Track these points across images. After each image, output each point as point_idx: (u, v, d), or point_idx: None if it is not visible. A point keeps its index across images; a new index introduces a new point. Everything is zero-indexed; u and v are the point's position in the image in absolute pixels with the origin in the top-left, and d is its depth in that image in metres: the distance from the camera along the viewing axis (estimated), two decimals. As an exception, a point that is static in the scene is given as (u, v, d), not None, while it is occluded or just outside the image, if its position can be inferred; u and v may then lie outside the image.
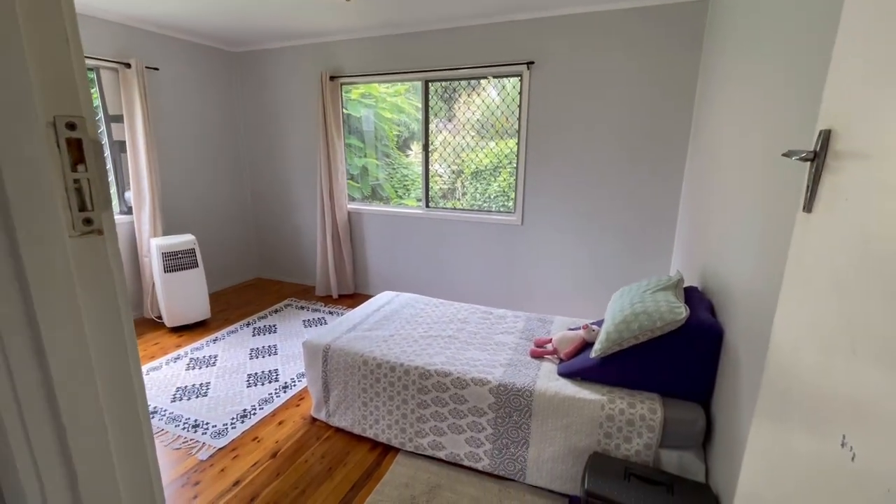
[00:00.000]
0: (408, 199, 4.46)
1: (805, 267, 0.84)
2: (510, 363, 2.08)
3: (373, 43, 3.72)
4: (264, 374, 2.83)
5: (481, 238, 3.76)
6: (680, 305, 1.72)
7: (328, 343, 2.25)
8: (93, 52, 3.21)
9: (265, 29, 3.64)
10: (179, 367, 2.91)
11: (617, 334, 1.79)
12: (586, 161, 3.25)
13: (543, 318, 2.62)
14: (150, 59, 3.57)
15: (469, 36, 3.38)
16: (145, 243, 3.51)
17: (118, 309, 0.45)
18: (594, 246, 3.38)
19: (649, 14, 2.88)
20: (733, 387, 1.52)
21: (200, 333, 3.44)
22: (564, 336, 2.15)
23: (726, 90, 2.10)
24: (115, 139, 3.45)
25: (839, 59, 0.80)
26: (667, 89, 2.94)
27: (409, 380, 2.04)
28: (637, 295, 1.94)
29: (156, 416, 2.38)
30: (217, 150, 4.31)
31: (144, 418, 0.50)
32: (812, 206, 0.81)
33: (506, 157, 3.71)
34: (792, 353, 0.86)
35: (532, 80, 3.28)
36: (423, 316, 2.64)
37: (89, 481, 0.43)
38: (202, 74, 4.07)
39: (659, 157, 3.06)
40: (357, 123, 4.44)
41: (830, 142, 0.78)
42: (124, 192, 3.54)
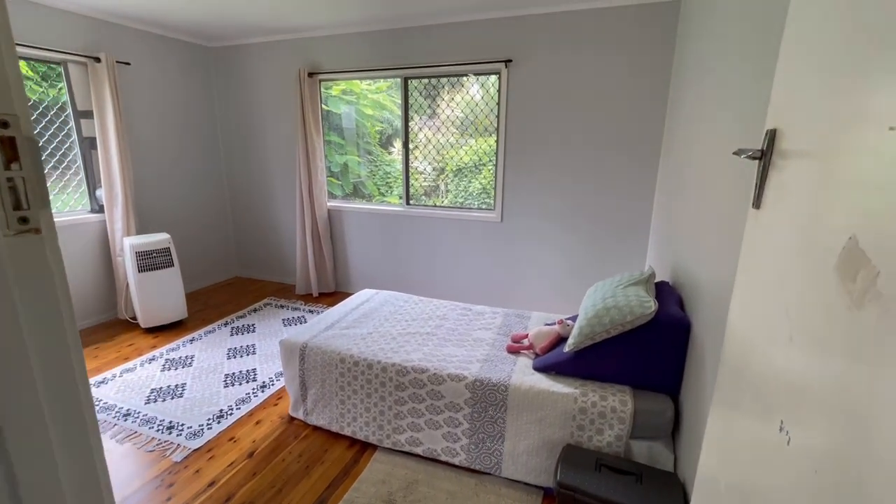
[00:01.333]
0: (390, 196, 4.44)
1: (754, 260, 0.88)
2: (487, 359, 2.10)
3: (351, 39, 3.70)
4: (242, 374, 2.80)
5: (462, 235, 3.78)
6: (649, 300, 1.77)
7: (305, 341, 2.24)
8: (60, 46, 3.11)
9: (242, 23, 3.58)
10: (154, 368, 2.86)
11: (589, 329, 1.83)
12: (564, 158, 3.29)
13: (521, 314, 2.65)
14: (121, 54, 3.48)
15: (448, 33, 3.39)
16: (118, 242, 3.43)
17: (59, 311, 0.44)
18: (572, 242, 3.43)
19: (624, 14, 2.92)
20: (699, 377, 1.57)
21: (177, 334, 3.38)
22: (540, 331, 2.18)
23: (694, 90, 2.15)
24: (84, 135, 3.36)
25: (785, 62, 0.83)
26: (641, 88, 2.99)
27: (387, 377, 2.05)
28: (609, 290, 1.98)
29: (129, 418, 2.34)
30: (194, 147, 4.23)
31: (92, 427, 0.50)
32: (760, 202, 0.84)
33: (486, 155, 3.73)
34: (743, 342, 0.90)
35: (510, 78, 3.30)
36: (401, 313, 2.65)
37: (30, 483, 0.43)
38: (177, 69, 3.98)
39: (634, 155, 3.12)
40: (338, 120, 4.40)
41: (776, 141, 0.81)
42: (95, 189, 3.45)
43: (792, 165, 0.76)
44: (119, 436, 2.21)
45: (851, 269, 0.51)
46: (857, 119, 0.57)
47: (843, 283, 0.52)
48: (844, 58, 0.63)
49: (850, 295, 0.51)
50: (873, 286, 0.47)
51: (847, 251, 0.52)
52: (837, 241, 0.55)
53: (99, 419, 2.31)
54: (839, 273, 0.53)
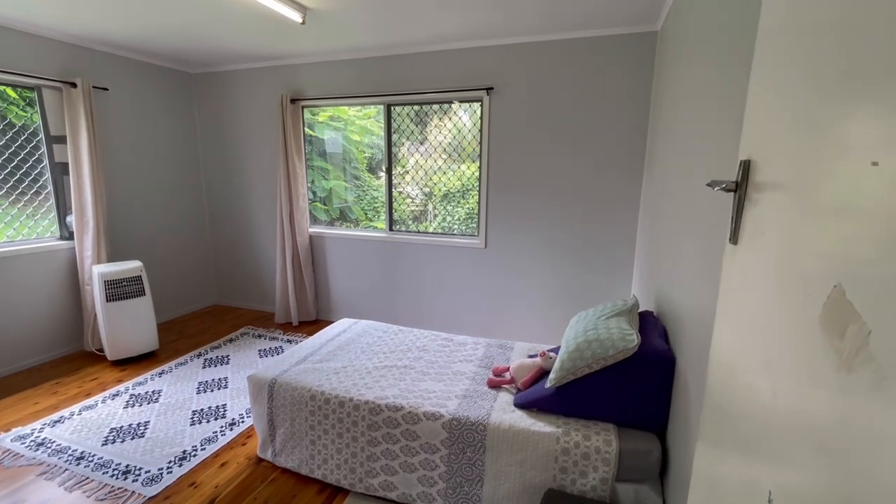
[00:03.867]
0: (378, 221, 4.38)
1: (733, 300, 0.82)
2: (466, 394, 2.00)
3: (334, 66, 3.70)
4: (211, 411, 2.64)
5: (446, 262, 3.71)
6: (632, 332, 1.69)
7: (274, 377, 2.12)
8: (34, 71, 3.05)
9: (223, 50, 3.57)
10: (117, 405, 2.69)
11: (570, 363, 1.75)
12: (547, 185, 3.27)
13: (504, 345, 2.56)
14: (98, 79, 3.43)
15: (431, 61, 3.40)
16: (87, 270, 3.30)
17: None
18: (556, 269, 3.37)
19: (601, 43, 2.96)
20: (685, 415, 1.48)
21: (146, 366, 3.22)
22: (522, 364, 2.09)
23: (671, 118, 2.14)
24: (56, 161, 3.27)
25: (755, 90, 0.79)
26: (622, 116, 3.01)
27: (359, 415, 1.93)
28: (591, 321, 1.91)
29: (82, 462, 2.17)
30: (173, 173, 4.15)
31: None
32: (737, 237, 0.79)
33: (472, 180, 3.70)
34: (724, 382, 0.82)
35: (492, 106, 3.30)
36: (380, 344, 2.54)
37: None
38: (157, 95, 3.94)
39: (616, 182, 3.11)
40: (323, 146, 4.37)
41: (750, 173, 0.76)
42: (66, 216, 3.34)
43: (767, 199, 0.71)
44: (68, 483, 2.03)
45: (838, 323, 0.44)
46: (834, 152, 0.52)
47: (829, 339, 0.46)
48: (814, 88, 0.58)
49: (837, 354, 0.44)
50: (865, 346, 0.40)
51: (833, 302, 0.46)
52: (821, 288, 0.48)
53: (49, 464, 2.15)
54: (824, 327, 0.47)
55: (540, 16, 2.69)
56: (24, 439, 2.35)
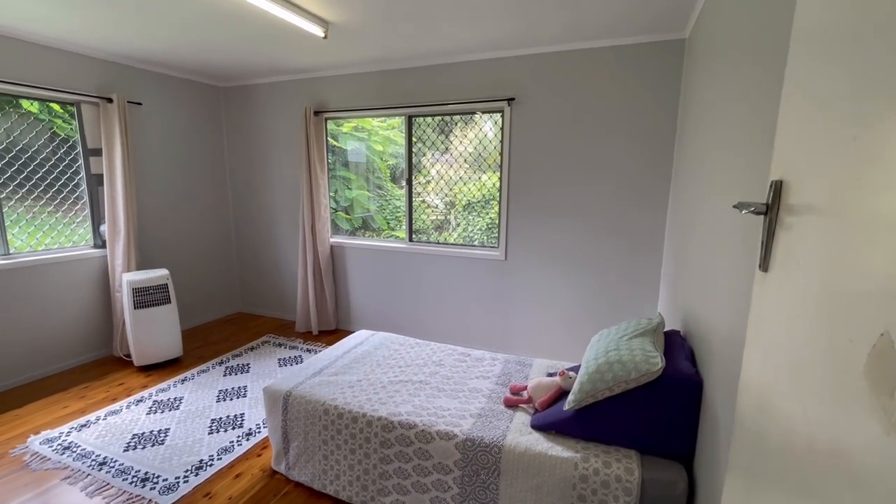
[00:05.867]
0: (399, 230, 4.39)
1: (765, 329, 0.75)
2: (482, 413, 1.94)
3: (356, 79, 3.75)
4: (229, 420, 2.67)
5: (465, 273, 3.66)
6: (656, 355, 1.61)
7: (289, 389, 2.12)
8: (74, 88, 3.21)
9: (250, 65, 3.67)
10: (140, 411, 2.75)
11: (590, 385, 1.67)
12: (569, 196, 3.20)
13: (522, 361, 2.49)
14: (133, 94, 3.58)
15: (452, 72, 3.40)
16: (118, 278, 3.41)
17: None
18: (578, 283, 3.28)
19: (626, 52, 2.89)
20: (713, 444, 1.39)
21: (170, 373, 3.29)
22: (540, 383, 2.02)
23: (698, 130, 2.05)
24: (93, 172, 3.41)
25: (788, 101, 0.73)
26: (647, 126, 2.92)
27: (372, 431, 1.90)
28: (613, 341, 1.83)
29: (104, 467, 2.21)
30: (201, 184, 4.28)
31: None
32: (767, 265, 0.72)
33: (496, 190, 3.66)
34: (756, 416, 0.75)
35: (513, 116, 3.27)
36: (396, 358, 2.51)
37: None
38: (187, 109, 4.08)
39: (642, 193, 3.01)
40: (347, 156, 4.42)
41: (783, 194, 0.69)
42: (99, 225, 3.47)
43: (802, 224, 0.64)
44: (90, 488, 2.08)
45: (887, 378, 0.38)
46: (881, 173, 0.46)
47: (875, 395, 0.40)
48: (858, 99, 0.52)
49: (886, 414, 0.38)
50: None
51: (879, 352, 0.40)
52: (866, 333, 0.42)
53: (73, 468, 2.20)
54: (870, 380, 0.41)
55: (562, 25, 2.65)
56: (51, 442, 2.42)
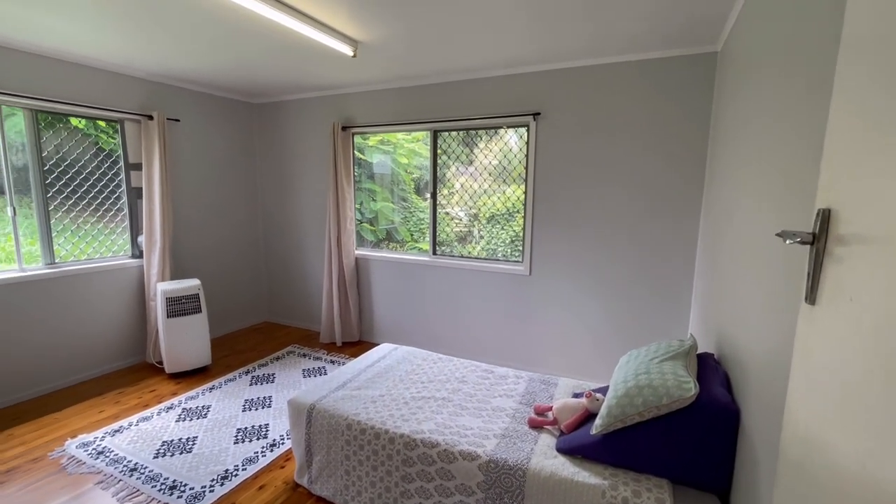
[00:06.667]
0: (423, 242, 4.42)
1: (811, 363, 0.70)
2: (505, 434, 1.90)
3: (382, 95, 3.82)
4: (254, 430, 2.70)
5: (488, 288, 3.64)
6: (689, 380, 1.54)
7: (313, 403, 2.13)
8: (119, 106, 3.39)
9: (281, 82, 3.80)
10: (170, 418, 2.82)
11: (619, 409, 1.61)
12: (596, 211, 3.15)
13: (547, 380, 2.44)
14: (172, 111, 3.75)
15: (476, 88, 3.42)
16: (152, 287, 3.54)
17: None
18: (605, 300, 3.20)
19: (655, 66, 2.84)
20: (752, 477, 1.31)
21: (199, 381, 3.37)
22: (566, 404, 1.97)
23: (733, 148, 1.99)
24: (132, 186, 3.58)
25: (837, 120, 0.69)
26: (677, 141, 2.85)
27: (394, 449, 1.88)
28: (643, 364, 1.77)
29: (135, 473, 2.27)
30: (233, 196, 4.42)
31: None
32: (815, 297, 0.68)
33: (520, 203, 3.65)
34: (803, 453, 0.70)
35: (538, 131, 3.25)
36: (418, 373, 2.50)
37: None
38: (221, 125, 4.24)
39: (672, 210, 2.93)
40: (372, 168, 4.50)
41: (831, 223, 0.66)
42: (137, 236, 3.62)
43: (855, 256, 0.60)
44: (121, 493, 2.13)
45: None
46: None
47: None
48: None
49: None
50: None
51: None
52: (932, 385, 0.39)
53: (106, 473, 2.27)
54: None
55: (588, 40, 2.64)
56: (87, 446, 2.51)
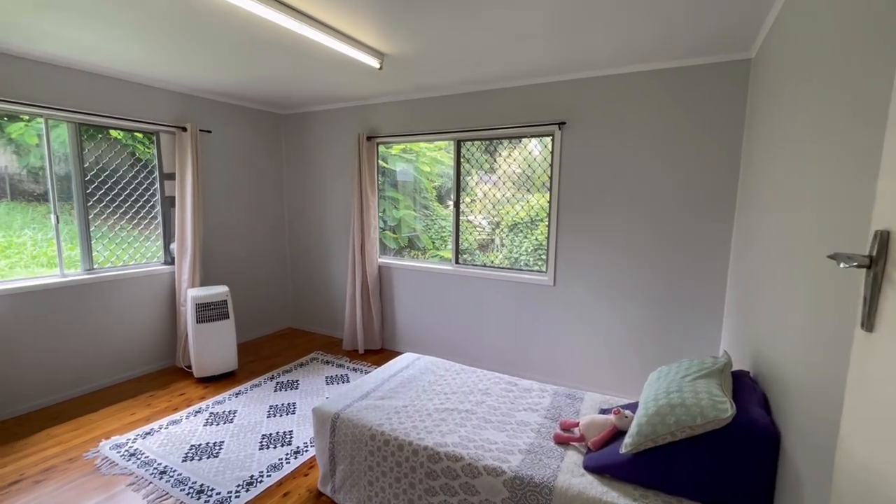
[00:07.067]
0: (444, 250, 4.44)
1: (869, 393, 0.66)
2: (531, 449, 1.87)
3: (407, 105, 3.86)
4: (278, 436, 2.74)
5: (511, 298, 3.60)
6: (725, 400, 1.48)
7: (337, 412, 2.14)
8: (154, 118, 3.52)
9: (308, 94, 3.88)
10: (198, 422, 2.88)
11: (650, 428, 1.56)
12: (624, 221, 3.09)
13: (573, 395, 2.39)
14: (204, 123, 3.88)
15: (500, 98, 3.42)
16: (183, 293, 3.65)
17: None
18: (632, 313, 3.13)
19: (685, 74, 2.78)
20: (796, 503, 1.25)
21: (225, 385, 3.44)
22: (593, 421, 1.92)
23: (771, 161, 1.92)
24: (166, 195, 3.70)
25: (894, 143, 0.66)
26: (708, 151, 2.78)
27: (418, 461, 1.87)
28: (675, 381, 1.71)
29: (164, 476, 2.33)
30: (260, 205, 4.53)
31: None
32: (872, 324, 0.64)
33: (541, 211, 3.62)
34: (861, 487, 0.66)
35: (564, 140, 3.22)
36: (441, 384, 2.49)
37: None
38: (250, 135, 4.36)
39: (703, 221, 2.85)
40: (395, 177, 4.54)
41: (891, 246, 0.62)
42: (169, 243, 3.74)
43: (919, 283, 0.57)
44: (151, 496, 2.18)
45: None
46: None
47: None
48: None
49: None
50: None
51: None
52: None
53: (138, 475, 2.33)
54: None
55: (615, 48, 2.60)
56: (119, 448, 2.58)
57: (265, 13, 2.06)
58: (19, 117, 2.96)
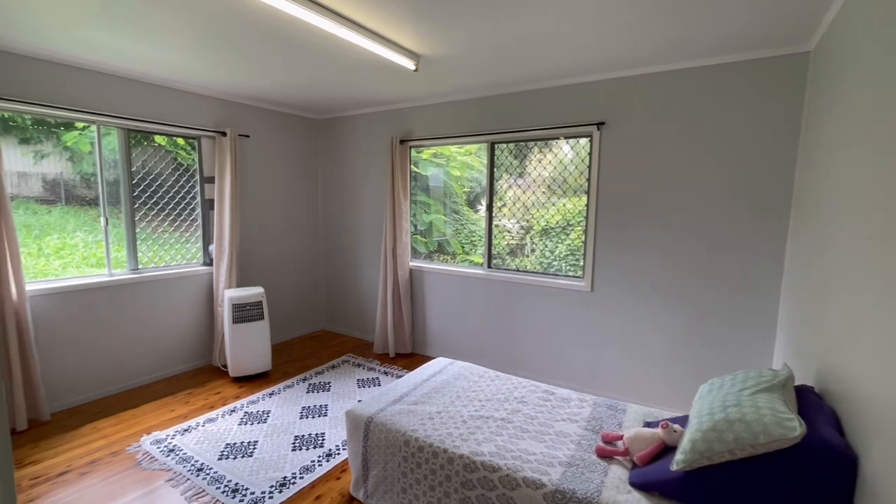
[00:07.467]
0: (474, 255, 4.39)
1: None
2: (571, 462, 1.78)
3: (441, 108, 3.84)
4: (311, 438, 2.74)
5: (546, 303, 3.50)
6: (792, 418, 1.36)
7: (371, 415, 2.11)
8: (196, 124, 3.64)
9: (343, 98, 3.92)
10: (233, 421, 2.92)
11: (705, 444, 1.45)
12: (666, 225, 2.95)
13: (614, 406, 2.28)
14: (242, 128, 3.98)
15: (535, 98, 3.35)
16: (220, 294, 3.73)
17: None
18: (676, 321, 2.97)
19: (735, 70, 2.64)
20: (879, 543, 1.11)
21: (259, 385, 3.49)
22: (639, 434, 1.81)
23: (837, 159, 1.77)
24: (206, 198, 3.81)
25: None
26: (759, 149, 2.62)
27: (453, 470, 1.81)
28: (732, 394, 1.59)
29: (200, 474, 2.36)
30: (295, 208, 4.61)
31: None
32: None
33: (576, 216, 3.52)
34: None
35: (603, 141, 3.12)
36: (475, 390, 2.42)
37: None
38: (286, 140, 4.45)
39: (753, 223, 2.68)
40: (426, 181, 4.53)
41: None
42: (208, 245, 3.85)
43: None
44: (188, 493, 2.21)
45: None
46: None
47: None
48: None
49: None
50: None
51: None
52: None
53: (176, 471, 2.37)
54: None
55: (665, 44, 2.49)
56: (159, 444, 2.64)
57: (306, 16, 2.08)
58: (74, 125, 3.11)
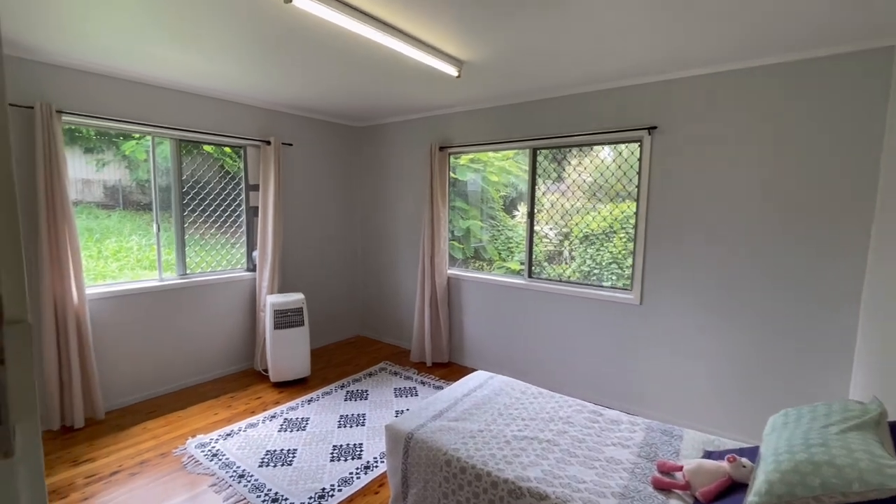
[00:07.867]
0: (511, 261, 4.29)
1: None
2: (625, 493, 1.65)
3: (481, 114, 3.77)
4: (349, 449, 2.71)
5: (590, 316, 3.35)
6: (894, 465, 1.19)
7: (411, 431, 2.06)
8: (243, 133, 3.74)
9: (384, 106, 3.93)
10: (273, 427, 2.95)
11: (785, 488, 1.30)
12: (726, 235, 2.75)
13: (669, 431, 2.12)
14: (286, 136, 4.06)
15: (581, 103, 3.22)
16: (263, 299, 3.80)
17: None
18: (738, 340, 2.75)
19: (808, 67, 2.42)
20: None
21: (299, 391, 3.52)
22: (701, 466, 1.66)
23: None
24: (250, 205, 3.91)
25: None
26: (835, 153, 2.38)
27: (497, 495, 1.72)
28: (815, 430, 1.42)
29: (242, 480, 2.38)
30: (334, 215, 4.66)
31: None
32: None
33: (619, 223, 3.35)
34: None
35: (654, 146, 2.95)
36: (518, 408, 2.32)
37: None
38: (328, 148, 4.51)
39: (826, 235, 2.44)
40: (463, 187, 4.48)
41: None
42: (252, 251, 3.94)
43: None
44: (231, 499, 2.23)
45: None
46: None
47: None
48: None
49: None
50: None
51: None
52: None
53: (219, 476, 2.40)
54: None
55: (728, 42, 2.32)
56: (204, 447, 2.69)
57: (354, 27, 2.08)
58: (132, 136, 3.26)
